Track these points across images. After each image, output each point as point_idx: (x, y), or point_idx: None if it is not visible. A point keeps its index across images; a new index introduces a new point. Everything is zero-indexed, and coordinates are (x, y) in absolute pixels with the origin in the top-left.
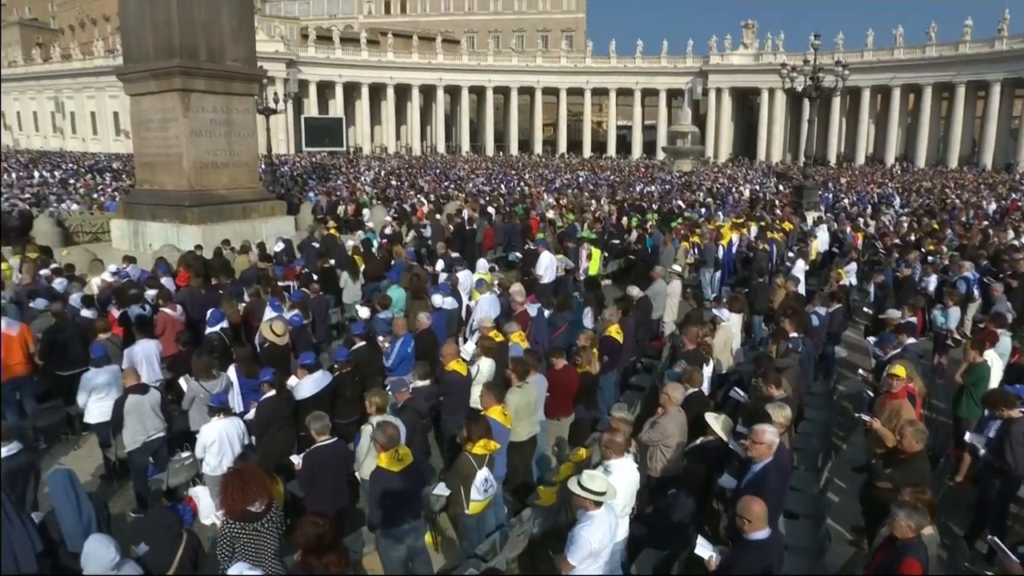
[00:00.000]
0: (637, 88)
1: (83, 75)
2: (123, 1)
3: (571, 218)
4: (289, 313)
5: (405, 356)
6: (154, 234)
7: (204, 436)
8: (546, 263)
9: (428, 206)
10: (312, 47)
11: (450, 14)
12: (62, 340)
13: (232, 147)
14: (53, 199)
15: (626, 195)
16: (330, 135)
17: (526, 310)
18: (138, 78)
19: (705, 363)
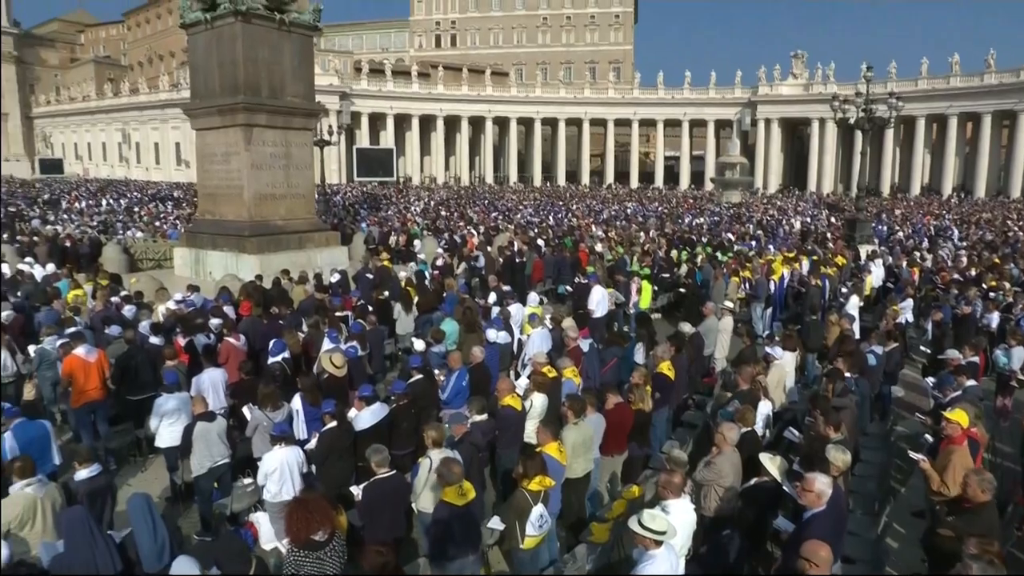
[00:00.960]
0: (685, 119)
1: (149, 108)
2: (192, 41)
3: (620, 251)
4: (346, 344)
5: (460, 389)
6: (214, 262)
7: (266, 464)
8: (598, 297)
9: (478, 238)
10: (365, 80)
11: (499, 47)
12: (133, 366)
13: (290, 179)
14: (119, 226)
15: (675, 227)
16: (381, 165)
17: (579, 346)
18: (204, 114)
19: (759, 402)
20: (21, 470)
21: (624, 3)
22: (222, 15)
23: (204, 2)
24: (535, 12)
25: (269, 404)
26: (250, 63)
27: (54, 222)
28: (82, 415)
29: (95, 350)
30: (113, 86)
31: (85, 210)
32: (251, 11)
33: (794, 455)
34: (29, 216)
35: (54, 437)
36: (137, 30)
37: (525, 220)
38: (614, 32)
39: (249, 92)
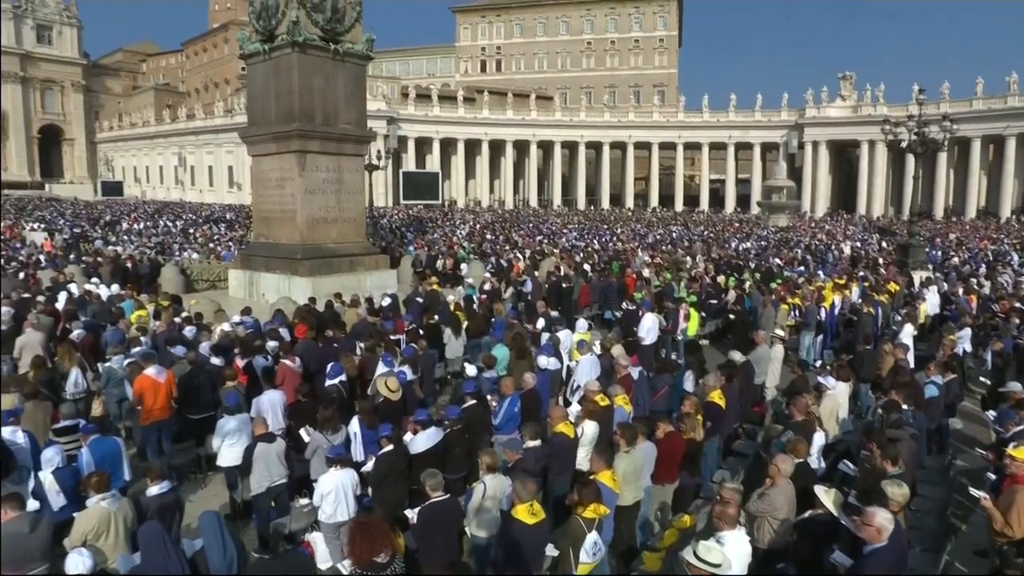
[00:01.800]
0: (730, 142)
1: (203, 132)
2: (251, 71)
3: (667, 277)
4: (399, 368)
5: (512, 416)
6: (268, 284)
7: (322, 486)
8: (648, 324)
9: (524, 262)
10: (411, 105)
11: (543, 72)
12: (196, 386)
13: (342, 204)
14: (176, 248)
15: (721, 252)
16: (426, 189)
17: (630, 374)
18: (260, 140)
19: (813, 433)
20: (97, 484)
21: (668, 27)
22: (280, 46)
23: (263, 34)
24: (579, 37)
25: (328, 427)
26: (305, 92)
27: (115, 243)
28: (149, 433)
29: (164, 371)
30: (171, 112)
31: (143, 231)
32: (307, 42)
33: (848, 488)
34: (92, 237)
35: (125, 453)
36: (195, 58)
37: (570, 244)
38: (658, 56)
39: (304, 119)
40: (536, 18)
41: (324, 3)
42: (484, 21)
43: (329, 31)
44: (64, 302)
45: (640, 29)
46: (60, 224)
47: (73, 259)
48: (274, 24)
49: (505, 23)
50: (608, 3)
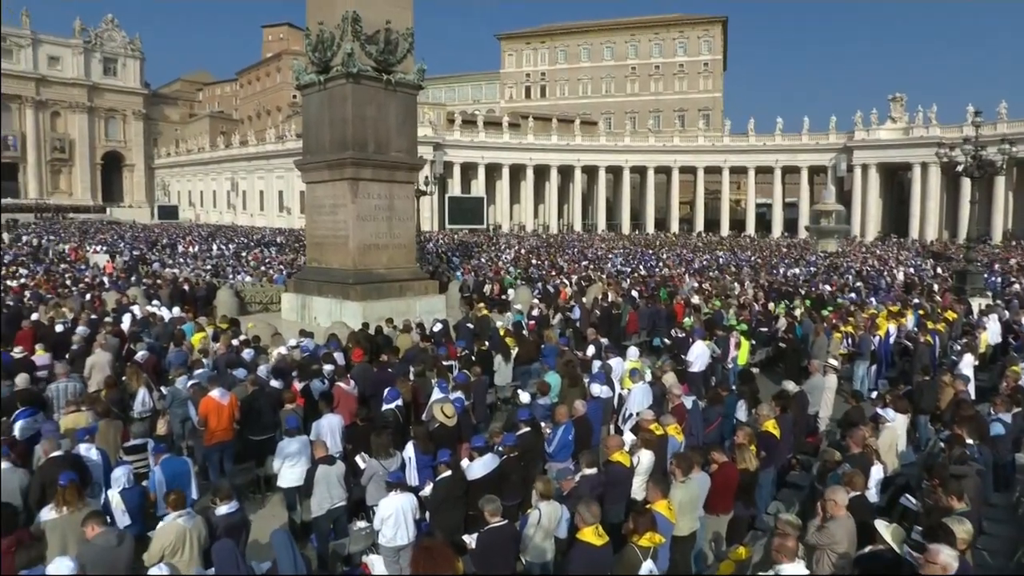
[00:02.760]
0: (777, 166)
1: (255, 158)
2: (306, 101)
3: (717, 304)
4: (453, 395)
5: (566, 443)
6: (320, 308)
7: (382, 510)
8: (698, 352)
9: (571, 287)
10: (458, 131)
11: (588, 97)
12: (257, 408)
13: (392, 230)
14: (229, 270)
15: (770, 278)
16: (472, 213)
17: (683, 403)
18: (314, 168)
19: (870, 466)
20: (175, 502)
21: (713, 51)
22: (334, 77)
23: (318, 65)
24: (623, 62)
25: (383, 453)
26: (358, 121)
27: (172, 265)
28: (211, 453)
29: (227, 393)
30: (225, 139)
31: (198, 254)
32: (361, 73)
33: (910, 523)
34: (150, 259)
35: (194, 473)
36: (248, 87)
37: (615, 269)
38: (703, 80)
39: (357, 148)
40: (580, 44)
41: (378, 35)
42: (529, 48)
43: (382, 62)
44: (129, 323)
45: (685, 54)
46: (120, 247)
47: (134, 281)
48: (329, 56)
49: (549, 49)
50: (652, 28)
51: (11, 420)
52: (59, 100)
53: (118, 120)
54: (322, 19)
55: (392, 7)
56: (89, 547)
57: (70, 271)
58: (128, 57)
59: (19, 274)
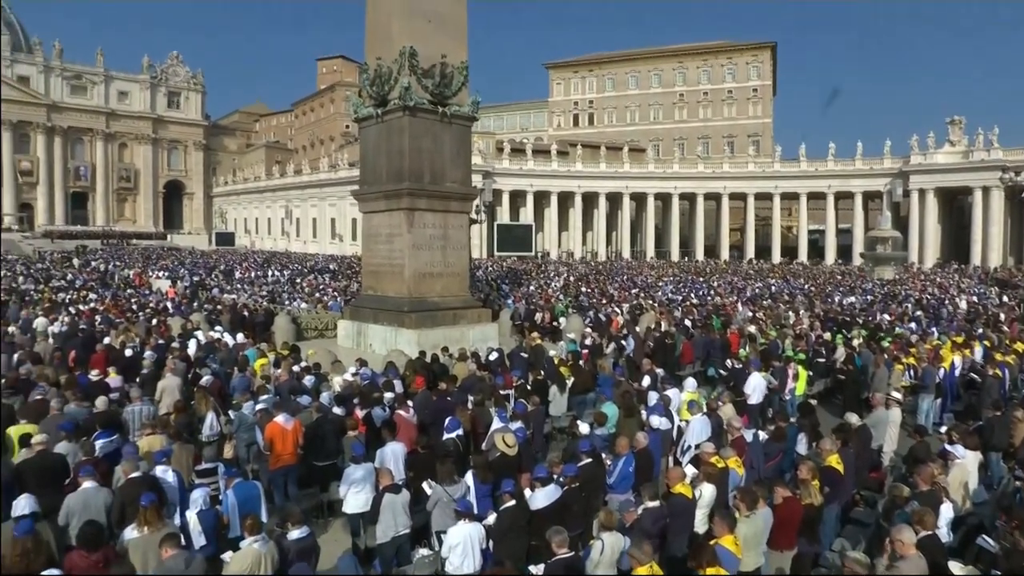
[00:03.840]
0: (830, 191)
1: (309, 187)
2: (363, 133)
3: (773, 334)
4: (514, 424)
5: (626, 475)
6: (375, 335)
7: (451, 538)
8: (755, 384)
9: (622, 316)
10: (506, 159)
11: (635, 124)
12: (321, 434)
13: (447, 259)
14: (285, 297)
15: (825, 306)
16: (520, 241)
17: (743, 436)
18: (371, 198)
19: (940, 504)
20: (251, 527)
21: (762, 76)
22: (392, 110)
23: (376, 98)
24: (671, 89)
25: (448, 480)
26: (415, 152)
27: (230, 291)
28: (276, 477)
29: (292, 419)
30: (280, 167)
31: (255, 280)
32: (418, 106)
33: (985, 566)
34: (210, 285)
35: (263, 497)
36: (303, 117)
37: (666, 297)
38: (752, 106)
39: (413, 178)
40: (628, 72)
41: (433, 69)
42: (577, 76)
43: (438, 95)
44: (194, 348)
45: (733, 80)
46: (181, 272)
47: (195, 306)
48: (387, 90)
49: (597, 77)
50: (700, 55)
51: (92, 440)
52: (126, 132)
53: (180, 151)
54: (380, 54)
55: (448, 41)
56: (163, 569)
57: (135, 296)
58: (190, 91)
59: (89, 299)
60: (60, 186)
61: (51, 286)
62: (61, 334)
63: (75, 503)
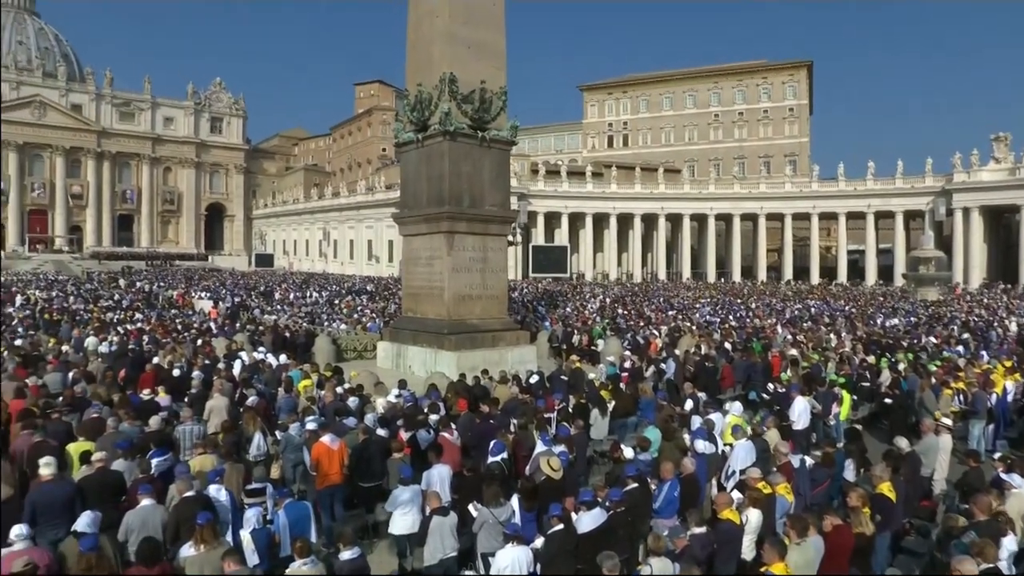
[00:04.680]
0: (870, 211)
1: (346, 209)
2: (404, 158)
3: (815, 357)
4: (557, 448)
5: (672, 500)
6: (414, 357)
7: (500, 560)
8: (800, 408)
9: (661, 338)
10: (541, 181)
11: (670, 145)
12: (367, 456)
13: (486, 281)
14: (324, 318)
15: (867, 328)
16: (555, 262)
17: (790, 462)
18: (411, 221)
19: (1002, 536)
20: (301, 550)
21: (799, 96)
22: (432, 135)
23: (416, 124)
24: (706, 110)
25: (494, 502)
26: (454, 176)
27: (270, 311)
28: (323, 497)
29: (338, 439)
30: (318, 190)
31: (294, 301)
32: (457, 131)
33: None
34: (251, 305)
35: (313, 517)
36: (341, 141)
37: (704, 319)
38: (788, 125)
39: (453, 202)
40: (662, 93)
41: (473, 94)
42: (611, 98)
43: (477, 120)
44: (239, 369)
45: (769, 99)
46: (222, 293)
47: (238, 327)
48: (427, 115)
49: (631, 99)
50: (735, 75)
51: (148, 459)
52: (171, 157)
53: (221, 174)
54: (420, 80)
55: (487, 67)
56: None
57: (179, 316)
58: (232, 116)
59: (136, 319)
60: (108, 209)
61: (100, 306)
62: (111, 353)
63: (134, 520)
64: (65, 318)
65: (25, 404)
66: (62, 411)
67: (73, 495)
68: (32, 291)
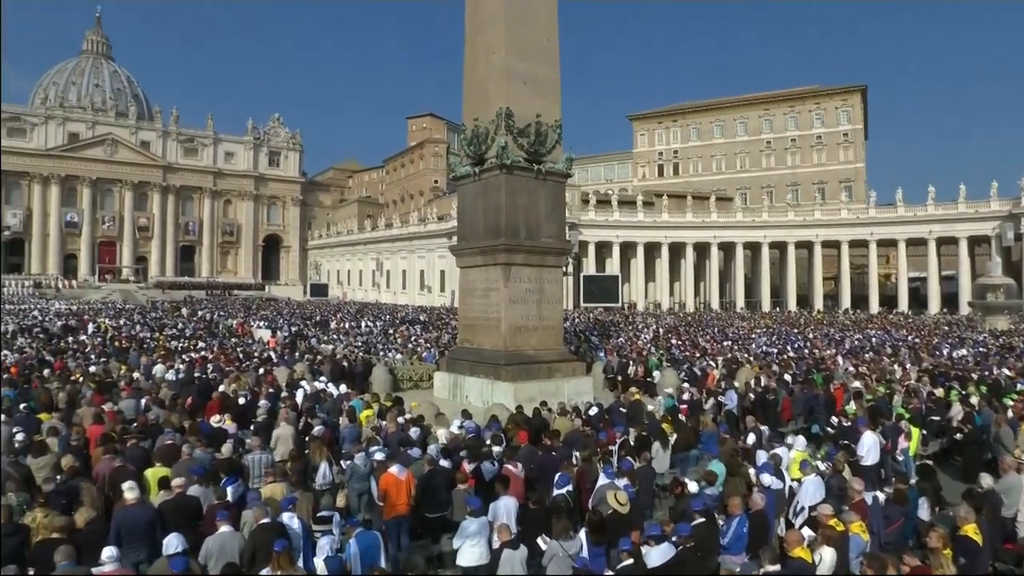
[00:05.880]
0: (931, 237)
1: (399, 240)
2: (461, 191)
3: (881, 390)
4: (620, 481)
5: (740, 536)
6: (471, 387)
7: None
8: (869, 443)
9: (718, 370)
10: (592, 211)
11: (722, 173)
12: (433, 487)
13: (542, 312)
14: (380, 347)
15: (933, 360)
16: (606, 292)
17: (864, 499)
18: (468, 253)
19: None
20: None
21: (853, 120)
22: (488, 168)
23: (472, 158)
24: (758, 137)
25: (563, 535)
26: (511, 209)
27: (326, 341)
28: (390, 527)
29: (406, 470)
30: (371, 221)
31: (350, 331)
32: (514, 164)
33: None
34: (308, 335)
35: (383, 547)
36: (393, 173)
37: (761, 350)
38: (843, 151)
39: (509, 234)
40: (713, 121)
41: (529, 128)
42: (661, 127)
43: (533, 153)
44: (301, 398)
45: (822, 125)
46: (280, 322)
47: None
48: (484, 149)
49: (682, 127)
50: (787, 102)
51: (223, 486)
52: (231, 190)
53: (278, 206)
54: (477, 115)
55: (542, 101)
56: None
57: (240, 345)
58: (289, 150)
59: (199, 347)
60: (171, 240)
61: (165, 334)
62: (177, 381)
63: (213, 545)
64: (133, 346)
65: (104, 430)
66: (137, 437)
67: (154, 519)
68: (102, 319)
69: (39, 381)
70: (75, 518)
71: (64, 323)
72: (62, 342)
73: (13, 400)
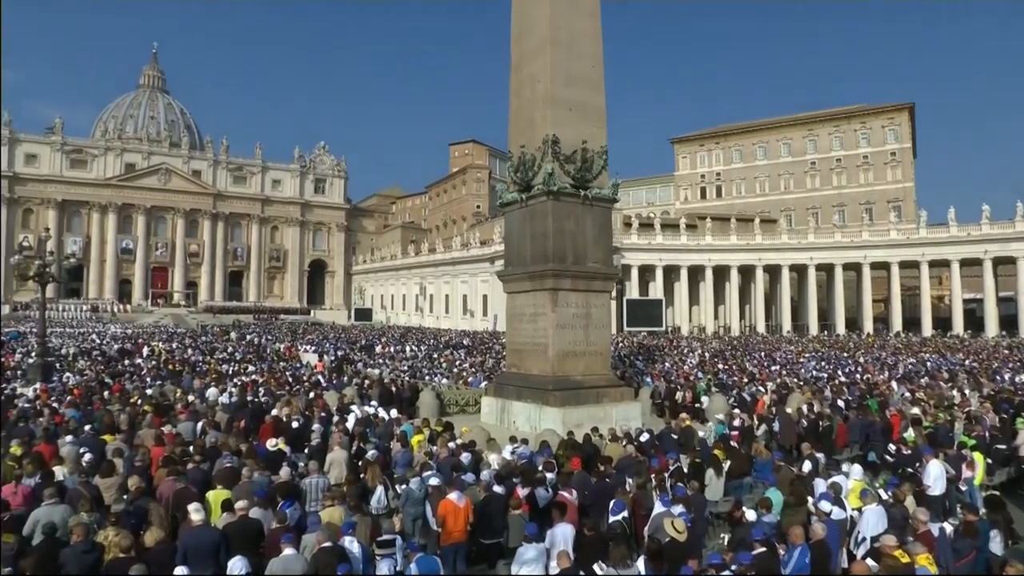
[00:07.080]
0: (987, 257)
1: (442, 264)
2: (508, 217)
3: (941, 417)
4: (675, 508)
5: (802, 566)
6: (519, 412)
7: None
8: (935, 473)
9: (768, 395)
10: (635, 234)
11: (765, 195)
12: (488, 513)
13: (589, 337)
14: (426, 372)
15: (993, 385)
16: (650, 316)
17: (930, 530)
18: (515, 279)
19: None
20: None
21: (900, 139)
22: (535, 195)
23: (519, 184)
24: (802, 158)
25: (621, 563)
26: (558, 234)
27: (372, 365)
28: (447, 553)
29: (464, 496)
30: (415, 247)
31: (395, 355)
32: (560, 190)
33: None
34: (354, 359)
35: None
36: (436, 199)
37: (810, 375)
38: (891, 170)
39: (556, 260)
40: (755, 143)
41: (575, 155)
42: (703, 149)
43: (579, 179)
44: (352, 423)
45: (868, 145)
46: (326, 346)
47: (345, 380)
48: (530, 175)
49: (724, 150)
50: (832, 122)
51: (281, 509)
52: (278, 216)
53: (324, 232)
54: (523, 143)
55: (588, 128)
56: None
57: (289, 368)
58: (335, 177)
59: (248, 370)
60: (220, 265)
61: (216, 358)
62: (230, 404)
63: (277, 567)
64: (186, 369)
65: (164, 451)
66: (197, 460)
67: (219, 541)
68: (155, 343)
69: (101, 403)
70: (144, 538)
71: (120, 346)
72: (119, 365)
73: (79, 421)
